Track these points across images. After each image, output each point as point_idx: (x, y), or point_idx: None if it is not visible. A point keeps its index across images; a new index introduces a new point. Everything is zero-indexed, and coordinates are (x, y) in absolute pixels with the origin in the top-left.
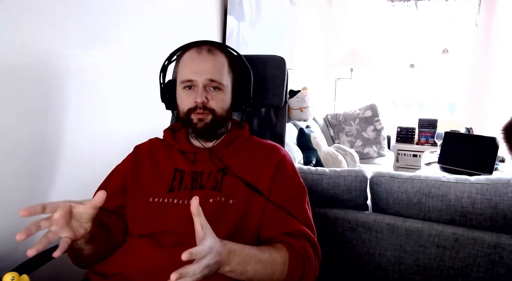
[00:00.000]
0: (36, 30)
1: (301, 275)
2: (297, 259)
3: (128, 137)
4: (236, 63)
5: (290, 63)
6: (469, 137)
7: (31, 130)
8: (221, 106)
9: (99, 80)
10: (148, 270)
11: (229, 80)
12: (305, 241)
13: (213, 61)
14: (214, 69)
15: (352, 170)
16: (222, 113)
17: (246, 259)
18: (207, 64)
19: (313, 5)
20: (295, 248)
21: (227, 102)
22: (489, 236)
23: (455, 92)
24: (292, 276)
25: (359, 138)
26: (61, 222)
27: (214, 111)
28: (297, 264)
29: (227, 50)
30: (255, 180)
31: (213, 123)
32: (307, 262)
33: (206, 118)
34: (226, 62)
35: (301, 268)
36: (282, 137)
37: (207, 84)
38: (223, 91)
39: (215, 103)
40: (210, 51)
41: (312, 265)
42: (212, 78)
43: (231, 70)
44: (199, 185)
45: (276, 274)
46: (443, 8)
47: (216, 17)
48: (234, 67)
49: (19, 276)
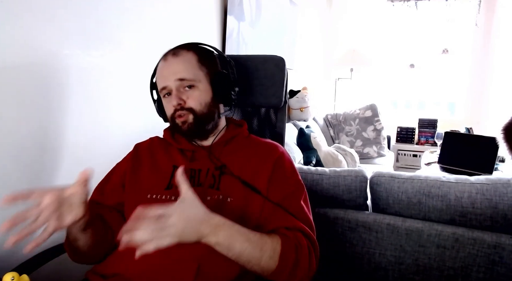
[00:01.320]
0: (36, 30)
1: (294, 263)
2: (290, 247)
3: (128, 137)
4: (211, 57)
5: (290, 63)
6: (469, 137)
7: (31, 130)
8: (200, 102)
9: (99, 80)
10: (147, 271)
11: (202, 75)
12: (299, 233)
13: (178, 61)
14: (181, 69)
15: (352, 170)
16: (202, 110)
17: (235, 235)
18: (173, 66)
19: (313, 5)
20: (288, 237)
21: (206, 97)
22: (489, 236)
23: (455, 92)
24: (285, 265)
25: (359, 138)
26: (52, 208)
27: (193, 109)
28: (289, 252)
29: (195, 47)
30: (253, 178)
31: (196, 121)
32: (299, 250)
33: (188, 118)
34: (194, 58)
35: (294, 256)
36: (282, 137)
37: (179, 85)
38: (198, 87)
39: (192, 101)
40: (175, 54)
41: (304, 254)
42: (180, 77)
43: (203, 64)
44: (196, 183)
45: (264, 258)
46: (443, 8)
47: (216, 17)
48: (207, 61)
49: (19, 276)
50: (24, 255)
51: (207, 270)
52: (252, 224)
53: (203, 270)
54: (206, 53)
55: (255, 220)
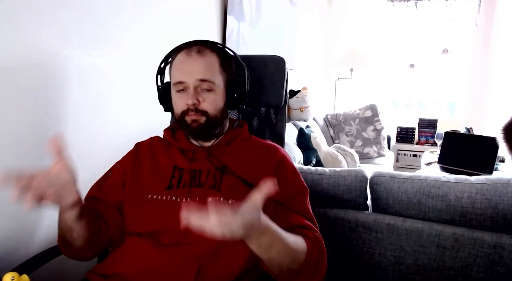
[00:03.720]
0: (36, 30)
1: (315, 265)
2: (314, 249)
3: (128, 137)
4: (230, 62)
5: (290, 63)
6: (469, 137)
7: (31, 130)
8: (214, 107)
9: (99, 80)
10: (147, 271)
11: (221, 80)
12: (317, 233)
13: (203, 62)
14: (204, 70)
15: (352, 170)
16: (216, 114)
17: (275, 242)
18: (197, 65)
19: (313, 5)
20: (311, 238)
21: (221, 103)
22: (489, 236)
23: (455, 92)
24: (308, 265)
25: (359, 138)
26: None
27: (207, 113)
28: (313, 254)
29: (219, 49)
30: (255, 180)
31: (207, 124)
32: (321, 251)
33: (200, 119)
34: (217, 62)
35: (316, 257)
36: (282, 137)
37: (198, 85)
38: (215, 92)
39: (207, 104)
40: (200, 52)
41: (324, 255)
42: (203, 78)
43: (224, 70)
44: (197, 183)
45: (295, 261)
46: (443, 8)
47: (216, 17)
48: (227, 66)
49: (19, 276)
50: (24, 255)
51: (208, 270)
52: None
53: (204, 270)
54: (227, 58)
55: None
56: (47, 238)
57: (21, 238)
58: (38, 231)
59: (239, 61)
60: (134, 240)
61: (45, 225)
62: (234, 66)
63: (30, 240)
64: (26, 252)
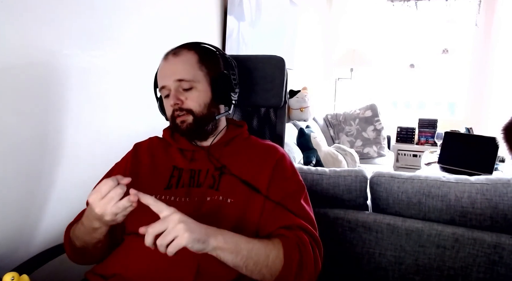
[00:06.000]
0: (36, 30)
1: (299, 261)
2: (292, 247)
3: (128, 137)
4: (214, 57)
5: (290, 63)
6: (469, 137)
7: (31, 130)
8: (199, 103)
9: (99, 80)
10: (147, 271)
11: (201, 75)
12: (300, 231)
13: (178, 62)
14: (180, 69)
15: (352, 170)
16: (201, 111)
17: (236, 237)
18: (173, 66)
19: (313, 5)
20: (289, 237)
21: (206, 98)
22: (489, 236)
23: (455, 92)
24: (289, 268)
25: (359, 138)
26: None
27: (192, 111)
28: (293, 251)
29: (197, 47)
30: (254, 179)
31: (196, 122)
32: (302, 247)
33: (187, 119)
34: (194, 58)
35: (298, 254)
36: (282, 137)
37: (177, 85)
38: (197, 88)
39: (190, 102)
40: (175, 53)
41: (308, 250)
42: (180, 78)
43: (204, 65)
44: (196, 183)
45: (271, 257)
46: (443, 8)
47: (216, 17)
48: (208, 62)
49: (19, 276)
50: (24, 255)
51: (207, 270)
52: (252, 226)
53: (203, 270)
54: (207, 53)
55: (255, 222)
56: (47, 238)
57: (21, 238)
58: (38, 231)
59: (223, 55)
60: (133, 240)
61: (45, 225)
62: (221, 61)
63: (30, 240)
64: (26, 252)
